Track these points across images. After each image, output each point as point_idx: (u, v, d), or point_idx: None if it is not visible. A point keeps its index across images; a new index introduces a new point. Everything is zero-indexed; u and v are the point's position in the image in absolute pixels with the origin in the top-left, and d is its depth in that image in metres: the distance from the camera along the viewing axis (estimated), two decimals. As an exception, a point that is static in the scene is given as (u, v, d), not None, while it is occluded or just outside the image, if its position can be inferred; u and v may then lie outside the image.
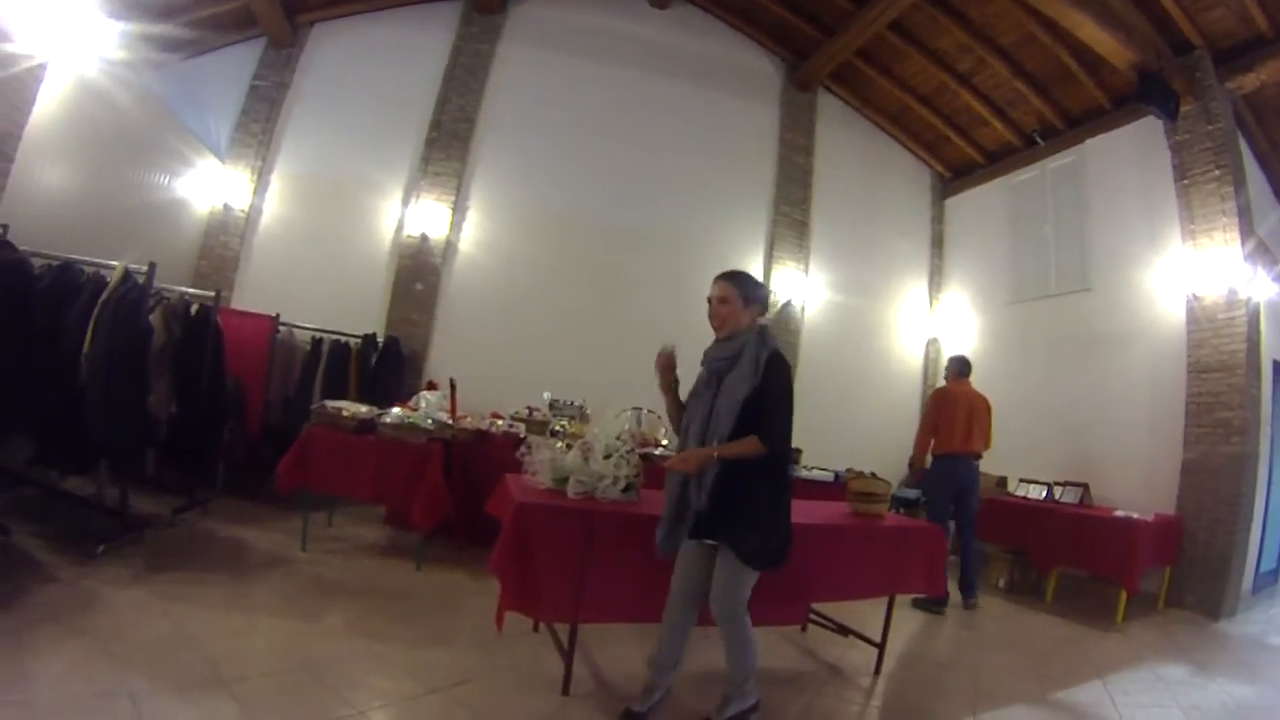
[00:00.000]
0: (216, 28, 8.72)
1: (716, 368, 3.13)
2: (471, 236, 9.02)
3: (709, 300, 3.20)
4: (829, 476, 6.84)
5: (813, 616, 4.80)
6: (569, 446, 3.90)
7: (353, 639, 3.90)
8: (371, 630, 4.04)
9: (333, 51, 9.18)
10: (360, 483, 5.35)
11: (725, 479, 3.01)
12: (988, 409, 6.62)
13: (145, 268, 4.65)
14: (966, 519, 6.45)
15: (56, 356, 4.33)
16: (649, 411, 5.46)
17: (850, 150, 10.54)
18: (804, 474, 6.72)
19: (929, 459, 6.54)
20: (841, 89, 10.58)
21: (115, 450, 4.63)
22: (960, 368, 6.76)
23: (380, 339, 8.20)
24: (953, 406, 6.49)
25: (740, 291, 3.15)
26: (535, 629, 4.28)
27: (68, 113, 5.67)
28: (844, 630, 4.61)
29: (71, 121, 5.74)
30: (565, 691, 3.46)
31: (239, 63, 8.99)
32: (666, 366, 3.32)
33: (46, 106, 5.40)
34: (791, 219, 9.87)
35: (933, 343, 10.65)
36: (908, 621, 5.61)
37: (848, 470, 6.74)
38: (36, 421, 4.36)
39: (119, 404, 4.41)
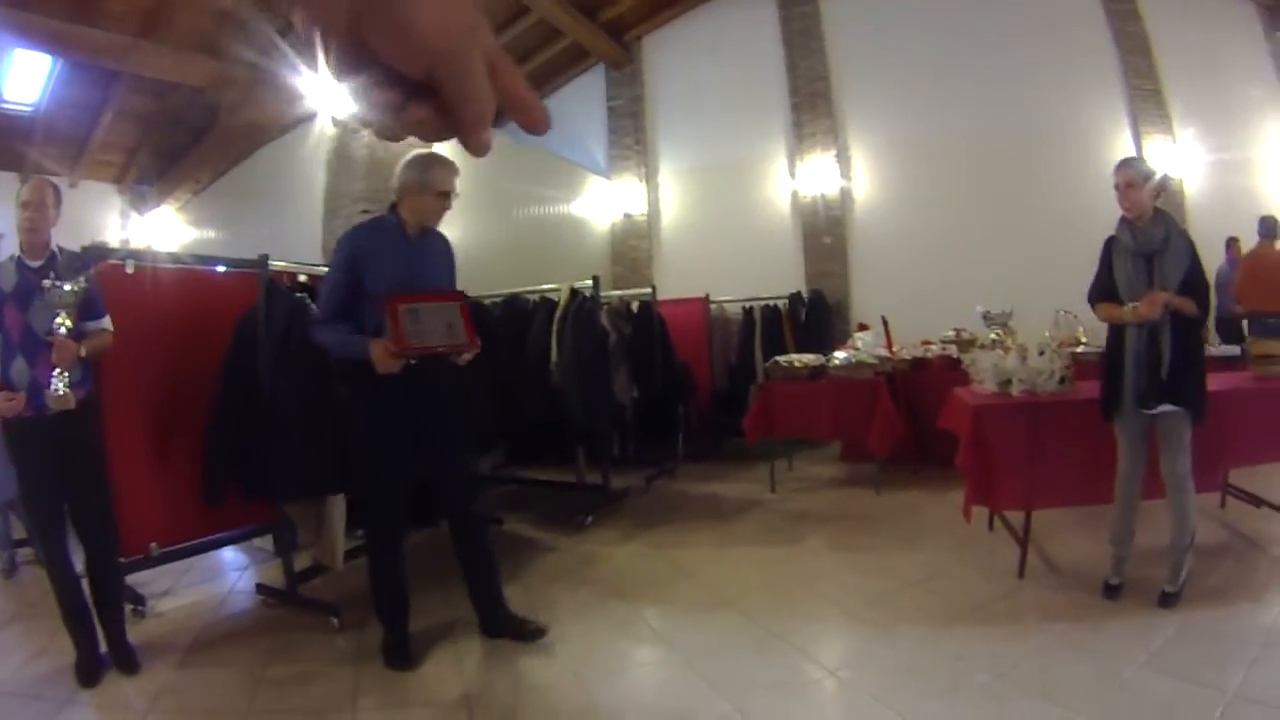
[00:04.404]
0: (555, 70, 9.88)
1: (1145, 249, 3.23)
2: (863, 180, 8.96)
3: (1116, 187, 3.29)
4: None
5: (1231, 491, 4.45)
6: (1005, 352, 4.19)
7: (832, 554, 4.32)
8: (846, 546, 4.41)
9: (668, 57, 9.80)
10: (819, 423, 5.88)
11: (1182, 338, 3.10)
12: None
13: (589, 283, 5.39)
14: None
15: (526, 372, 5.21)
16: (1065, 313, 5.41)
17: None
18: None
19: None
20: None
21: (592, 434, 5.42)
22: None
23: (805, 294, 8.50)
24: None
25: (1141, 175, 3.27)
26: (990, 528, 4.32)
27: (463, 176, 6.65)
28: (1258, 501, 4.30)
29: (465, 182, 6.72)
30: (1020, 575, 3.65)
31: (588, 90, 10.10)
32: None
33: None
34: (1143, 90, 8.07)
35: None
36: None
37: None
38: (515, 429, 5.07)
39: (591, 396, 5.20)
